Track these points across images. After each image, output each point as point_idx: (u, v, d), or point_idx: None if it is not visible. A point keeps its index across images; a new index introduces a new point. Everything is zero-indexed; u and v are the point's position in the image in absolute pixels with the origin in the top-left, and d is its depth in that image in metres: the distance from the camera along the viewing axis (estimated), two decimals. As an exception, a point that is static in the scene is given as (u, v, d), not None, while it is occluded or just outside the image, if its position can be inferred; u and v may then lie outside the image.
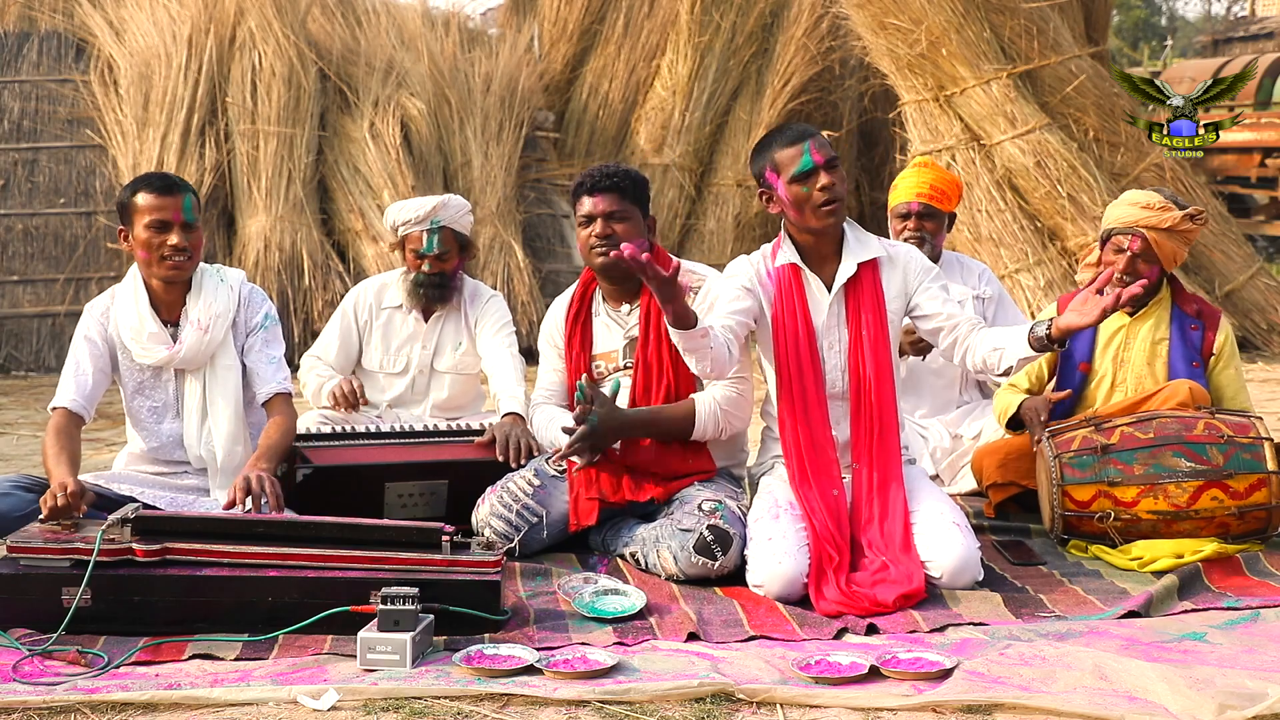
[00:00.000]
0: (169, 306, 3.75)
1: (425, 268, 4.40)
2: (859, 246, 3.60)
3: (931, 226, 4.58)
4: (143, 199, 3.65)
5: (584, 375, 3.73)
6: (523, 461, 3.93)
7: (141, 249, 3.67)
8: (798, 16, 9.60)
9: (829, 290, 3.59)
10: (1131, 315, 4.05)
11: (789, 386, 3.57)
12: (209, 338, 3.73)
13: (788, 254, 3.61)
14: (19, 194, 8.64)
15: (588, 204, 3.81)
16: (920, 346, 4.29)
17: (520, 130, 9.15)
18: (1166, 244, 3.92)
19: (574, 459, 3.69)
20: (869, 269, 3.59)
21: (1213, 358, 4.01)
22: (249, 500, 3.38)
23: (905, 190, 4.61)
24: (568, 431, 3.66)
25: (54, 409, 3.65)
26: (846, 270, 3.57)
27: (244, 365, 3.80)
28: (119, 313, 3.76)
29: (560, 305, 4.07)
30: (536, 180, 9.53)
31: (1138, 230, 3.92)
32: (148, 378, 3.77)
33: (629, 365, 3.84)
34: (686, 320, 3.32)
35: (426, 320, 4.50)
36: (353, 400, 4.33)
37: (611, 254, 3.50)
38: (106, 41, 8.79)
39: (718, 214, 9.55)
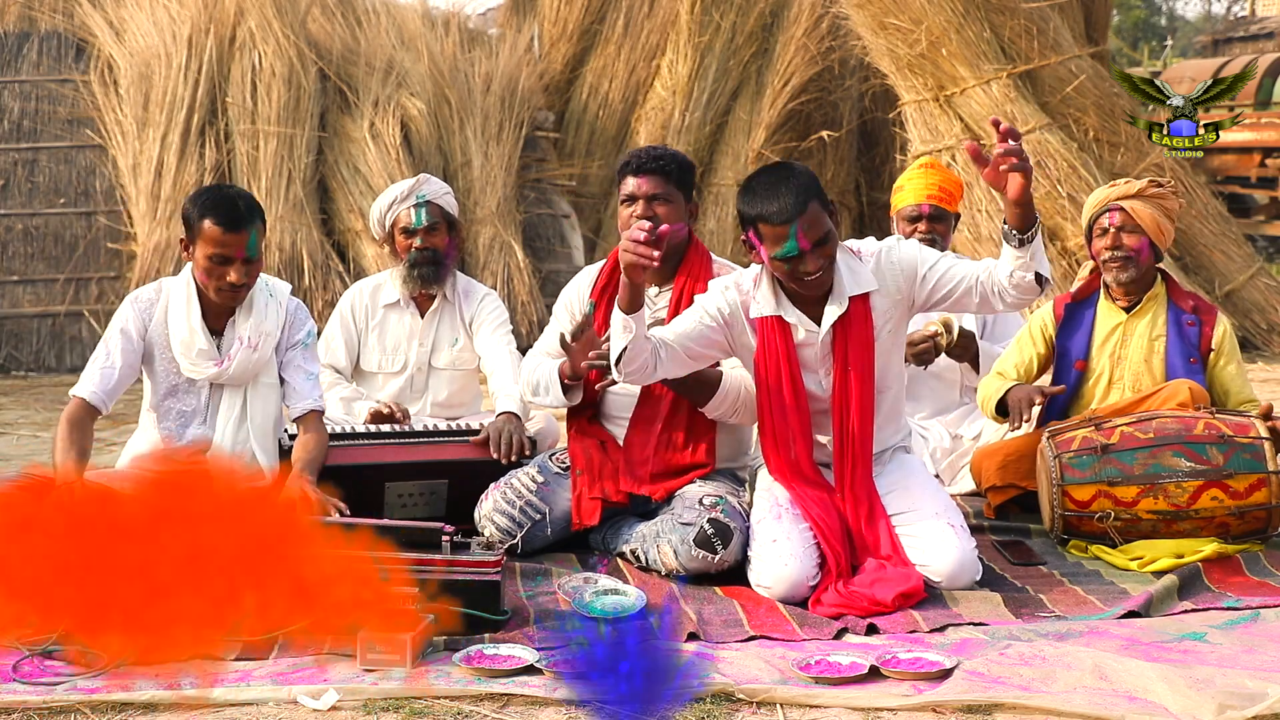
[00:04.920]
0: (217, 315, 3.73)
1: (417, 243, 4.40)
2: (851, 280, 3.44)
3: (942, 228, 4.57)
4: (209, 228, 3.56)
5: (590, 301, 3.68)
6: (514, 458, 3.94)
7: (200, 272, 3.63)
8: (798, 16, 9.60)
9: (819, 327, 3.46)
10: (1128, 311, 4.06)
11: (771, 420, 3.52)
12: (257, 356, 3.71)
13: (767, 304, 3.46)
14: (19, 194, 8.64)
15: (631, 184, 3.76)
16: (924, 358, 4.31)
17: (520, 130, 9.14)
18: (1144, 212, 3.97)
19: (598, 370, 3.60)
20: (860, 299, 3.45)
21: (1213, 354, 4.02)
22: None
23: (914, 192, 4.57)
24: (564, 344, 3.56)
25: (74, 396, 3.63)
26: (835, 311, 3.43)
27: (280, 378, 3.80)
28: (170, 318, 3.71)
29: (588, 275, 4.00)
30: (536, 180, 9.53)
31: (1113, 204, 4.00)
32: (183, 382, 3.74)
33: None
34: (635, 305, 3.31)
35: (422, 316, 4.50)
36: (400, 416, 4.31)
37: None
38: (106, 41, 8.78)
39: (718, 214, 9.55)
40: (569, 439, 3.91)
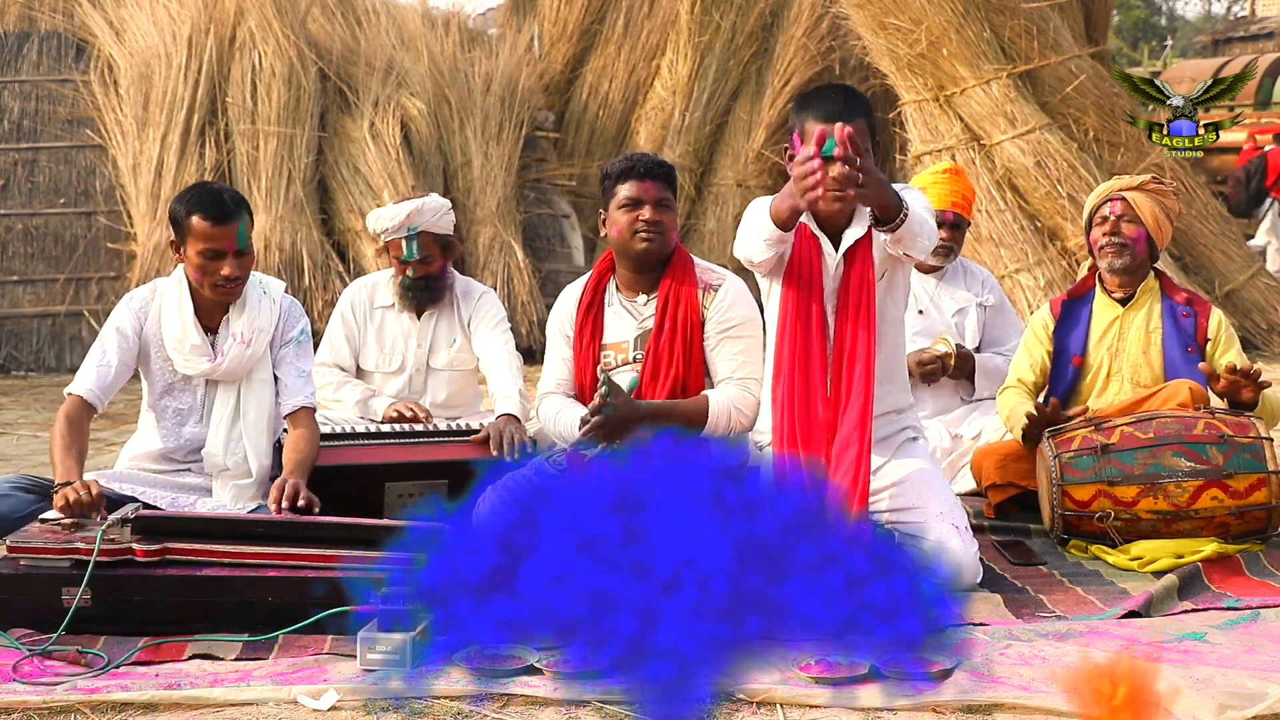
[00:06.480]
0: (210, 313, 3.74)
1: (410, 273, 4.41)
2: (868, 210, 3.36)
3: (959, 236, 4.71)
4: (198, 224, 3.59)
5: (604, 375, 3.68)
6: (517, 457, 3.94)
7: (194, 270, 3.65)
8: (798, 16, 9.60)
9: (836, 250, 3.45)
10: (1123, 304, 4.10)
11: (791, 350, 3.43)
12: (250, 352, 3.72)
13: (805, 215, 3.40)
14: (19, 194, 8.64)
15: (637, 189, 3.77)
16: (931, 378, 4.37)
17: (520, 130, 9.14)
18: (1145, 204, 4.05)
19: (588, 447, 3.60)
20: (863, 243, 3.41)
21: (1210, 343, 4.06)
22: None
23: (940, 198, 4.59)
24: (584, 421, 3.62)
25: (69, 394, 3.64)
26: (855, 232, 3.41)
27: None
28: (163, 316, 3.73)
29: (573, 292, 3.98)
30: (536, 180, 9.53)
31: (1115, 194, 4.10)
32: (179, 380, 3.75)
33: (639, 358, 3.80)
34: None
35: (419, 317, 4.50)
36: (423, 416, 4.33)
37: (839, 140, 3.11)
38: (106, 41, 8.78)
39: (718, 214, 9.55)
40: (567, 440, 3.91)
